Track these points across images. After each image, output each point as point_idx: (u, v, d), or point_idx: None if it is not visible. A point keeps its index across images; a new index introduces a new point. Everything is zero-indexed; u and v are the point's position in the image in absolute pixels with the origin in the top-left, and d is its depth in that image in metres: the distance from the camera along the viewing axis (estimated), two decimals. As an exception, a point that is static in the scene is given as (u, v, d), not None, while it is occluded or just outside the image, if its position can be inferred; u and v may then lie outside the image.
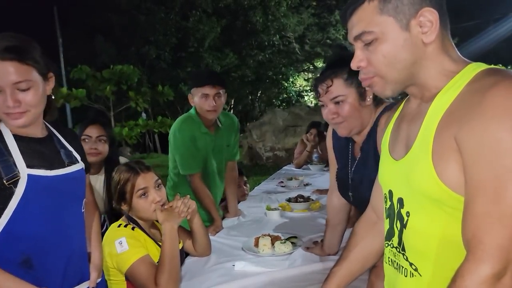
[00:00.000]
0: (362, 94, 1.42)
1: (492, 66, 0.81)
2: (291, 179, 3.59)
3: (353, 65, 0.88)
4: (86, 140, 2.06)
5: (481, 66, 0.80)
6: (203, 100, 2.27)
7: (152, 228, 1.69)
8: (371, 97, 1.43)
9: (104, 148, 2.11)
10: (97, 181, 2.13)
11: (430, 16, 0.80)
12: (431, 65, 0.83)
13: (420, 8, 0.80)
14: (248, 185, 3.22)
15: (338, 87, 1.41)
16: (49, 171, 1.25)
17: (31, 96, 1.19)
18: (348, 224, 1.83)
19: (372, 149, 1.44)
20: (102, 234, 1.60)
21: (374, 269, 1.29)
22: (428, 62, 0.83)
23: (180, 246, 1.67)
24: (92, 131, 2.09)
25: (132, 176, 1.58)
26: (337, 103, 1.42)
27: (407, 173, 0.86)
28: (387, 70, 0.84)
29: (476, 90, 0.75)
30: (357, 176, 1.53)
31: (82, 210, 1.40)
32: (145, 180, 1.59)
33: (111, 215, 2.04)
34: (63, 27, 15.47)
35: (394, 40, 0.82)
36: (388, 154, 0.96)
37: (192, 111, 2.38)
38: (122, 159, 2.24)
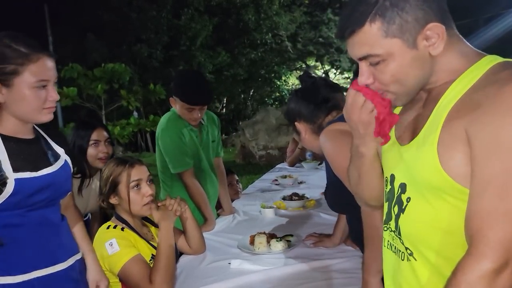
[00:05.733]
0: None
1: (509, 59, 0.79)
2: (285, 177, 3.59)
3: (361, 82, 0.86)
4: (96, 144, 2.03)
5: (498, 59, 0.79)
6: (187, 111, 2.24)
7: (143, 227, 1.68)
8: None
9: (111, 150, 2.09)
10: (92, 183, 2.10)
11: (436, 30, 0.78)
12: (440, 69, 0.82)
13: (426, 23, 0.77)
14: (240, 183, 3.22)
15: None
16: (34, 173, 1.23)
17: (56, 91, 1.26)
18: (344, 239, 1.87)
19: None
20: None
21: (365, 266, 1.30)
22: (437, 68, 0.82)
23: None
24: (100, 135, 2.05)
25: (127, 167, 1.58)
26: None
27: (411, 159, 0.85)
28: (396, 87, 0.83)
29: (492, 82, 0.73)
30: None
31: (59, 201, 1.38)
32: (139, 172, 1.60)
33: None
34: (54, 26, 15.28)
35: (401, 60, 0.79)
36: (394, 138, 0.95)
37: (174, 110, 2.34)
38: None
